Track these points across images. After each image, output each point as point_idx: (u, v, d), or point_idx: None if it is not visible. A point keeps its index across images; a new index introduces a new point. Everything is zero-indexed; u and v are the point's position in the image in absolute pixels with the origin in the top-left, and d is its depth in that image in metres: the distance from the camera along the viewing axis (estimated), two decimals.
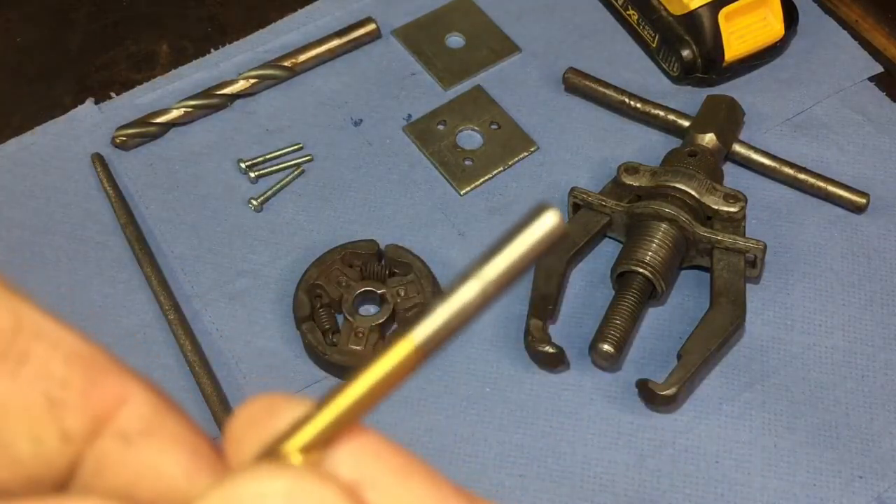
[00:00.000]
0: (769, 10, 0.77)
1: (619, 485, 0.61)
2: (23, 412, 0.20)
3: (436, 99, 0.78)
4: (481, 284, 0.20)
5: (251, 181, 0.74)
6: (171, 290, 0.68)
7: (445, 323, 0.20)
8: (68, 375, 0.20)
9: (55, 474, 0.20)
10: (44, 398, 0.20)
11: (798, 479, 0.61)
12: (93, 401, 0.20)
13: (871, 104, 0.78)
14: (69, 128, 0.76)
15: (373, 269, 0.68)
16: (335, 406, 0.20)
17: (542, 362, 0.65)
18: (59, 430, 0.20)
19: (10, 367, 0.20)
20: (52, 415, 0.20)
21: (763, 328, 0.67)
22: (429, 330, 0.20)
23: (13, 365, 0.20)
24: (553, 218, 0.20)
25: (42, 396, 0.20)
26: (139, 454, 0.21)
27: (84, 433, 0.20)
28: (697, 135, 0.72)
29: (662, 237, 0.66)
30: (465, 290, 0.20)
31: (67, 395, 0.20)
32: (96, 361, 0.21)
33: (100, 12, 0.85)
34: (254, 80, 0.77)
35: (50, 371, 0.20)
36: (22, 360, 0.20)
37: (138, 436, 0.21)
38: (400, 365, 0.20)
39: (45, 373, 0.20)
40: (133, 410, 0.21)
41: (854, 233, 0.71)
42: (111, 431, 0.21)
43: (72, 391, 0.20)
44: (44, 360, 0.20)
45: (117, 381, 0.21)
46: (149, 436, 0.21)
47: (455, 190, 0.73)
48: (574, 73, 0.77)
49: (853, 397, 0.64)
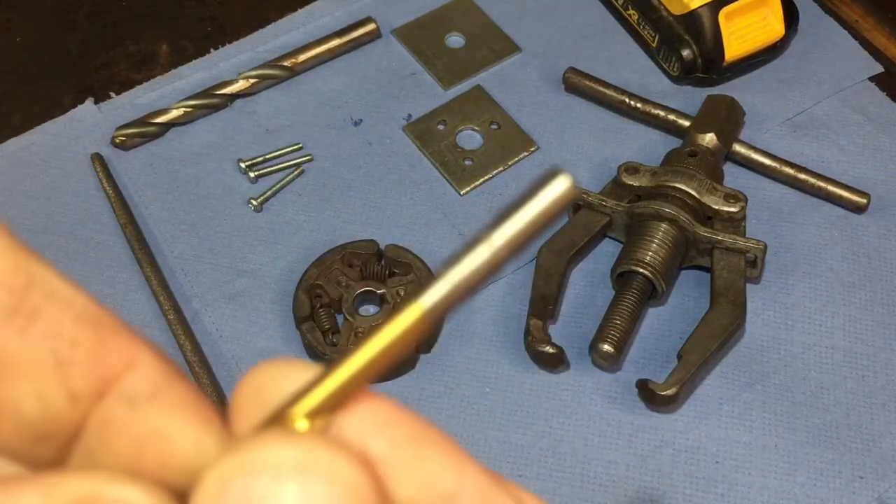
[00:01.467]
0: (769, 10, 0.77)
1: (619, 485, 0.61)
2: (30, 369, 0.20)
3: (436, 99, 0.78)
4: (491, 249, 0.20)
5: (251, 181, 0.74)
6: (171, 290, 0.68)
7: (454, 288, 0.20)
8: (78, 335, 0.20)
9: (61, 433, 0.20)
10: (52, 357, 0.20)
11: (798, 479, 0.61)
12: (101, 362, 0.20)
13: (871, 104, 0.78)
14: (69, 128, 0.76)
15: (373, 269, 0.68)
16: (343, 371, 0.20)
17: (542, 362, 0.65)
18: (65, 389, 0.20)
19: (20, 324, 0.20)
20: (59, 374, 0.20)
21: (763, 328, 0.67)
22: (438, 295, 0.20)
23: (23, 322, 0.20)
24: (565, 182, 0.19)
25: (50, 355, 0.20)
26: (145, 418, 0.20)
27: (91, 394, 0.20)
28: (698, 135, 0.72)
29: (662, 237, 0.65)
30: (475, 254, 0.20)
31: (76, 355, 0.20)
32: (106, 324, 0.21)
33: (100, 12, 0.85)
34: (254, 79, 0.77)
35: (60, 330, 0.20)
36: (32, 317, 0.20)
37: (145, 399, 0.20)
38: (408, 329, 0.20)
39: (55, 331, 0.20)
40: (140, 374, 0.21)
41: (854, 233, 0.71)
42: (118, 394, 0.20)
43: (80, 351, 0.20)
44: (54, 318, 0.20)
45: (126, 344, 0.21)
46: (155, 400, 0.21)
47: (455, 190, 0.73)
48: (574, 73, 0.77)
49: (854, 397, 0.64)
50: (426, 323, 0.20)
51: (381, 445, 0.21)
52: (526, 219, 0.20)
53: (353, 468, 0.19)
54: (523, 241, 0.20)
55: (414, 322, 0.20)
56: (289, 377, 0.21)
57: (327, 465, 0.18)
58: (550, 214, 0.20)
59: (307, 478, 0.18)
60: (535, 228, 0.20)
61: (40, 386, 0.20)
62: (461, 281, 0.20)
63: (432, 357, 0.66)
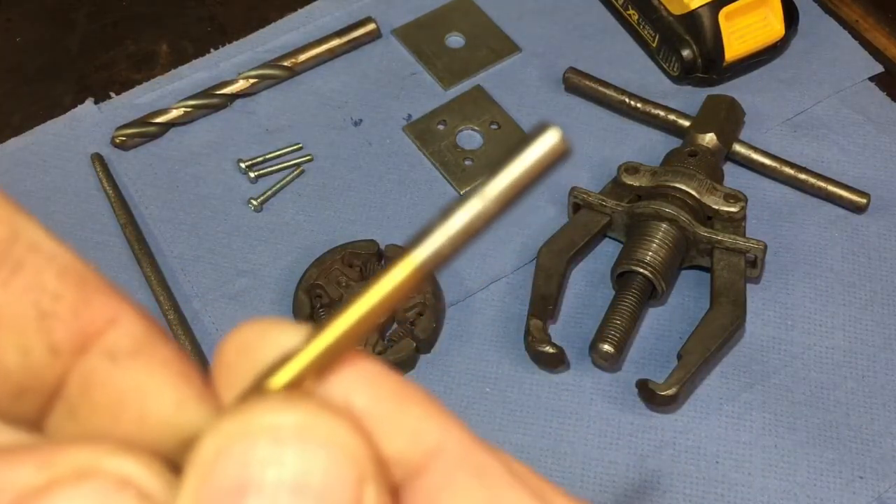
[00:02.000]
0: (769, 10, 0.77)
1: (619, 485, 0.61)
2: (12, 321, 0.20)
3: (436, 99, 0.78)
4: (483, 202, 0.20)
5: (251, 181, 0.74)
6: (171, 290, 0.68)
7: (446, 242, 0.20)
8: (61, 289, 0.20)
9: (42, 386, 0.20)
10: (34, 309, 0.20)
11: (798, 479, 0.61)
12: (83, 317, 0.20)
13: (871, 104, 0.78)
14: (69, 128, 0.76)
15: (373, 269, 0.68)
16: (333, 330, 0.20)
17: (542, 362, 0.65)
18: (47, 342, 0.20)
19: (3, 276, 0.20)
20: (41, 326, 0.20)
21: (763, 328, 0.67)
22: (430, 249, 0.20)
23: (6, 274, 0.20)
24: (554, 136, 0.19)
25: (33, 307, 0.20)
26: (126, 374, 0.20)
27: (72, 348, 0.20)
28: (698, 135, 0.72)
29: (663, 237, 0.65)
30: (467, 207, 0.20)
31: (58, 309, 0.20)
32: (90, 280, 0.21)
33: (100, 12, 0.85)
34: (254, 79, 0.77)
35: (42, 283, 0.20)
36: (15, 269, 0.20)
37: (126, 356, 0.20)
38: (400, 285, 0.20)
39: (38, 284, 0.20)
40: (123, 331, 0.21)
41: (854, 233, 0.71)
42: (100, 349, 0.20)
43: (63, 305, 0.20)
44: (37, 271, 0.20)
45: (109, 300, 0.21)
46: (137, 357, 0.21)
47: (455, 190, 0.73)
48: (574, 73, 0.77)
49: (854, 397, 0.64)
50: (418, 277, 0.20)
51: (365, 401, 0.20)
52: (517, 172, 0.20)
53: (351, 435, 0.19)
54: (514, 194, 0.20)
55: (406, 276, 0.20)
56: (276, 336, 0.21)
57: (326, 431, 0.18)
58: (541, 168, 0.20)
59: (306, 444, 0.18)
60: (526, 181, 0.20)
61: (22, 338, 0.20)
62: (453, 234, 0.20)
63: (432, 357, 0.66)
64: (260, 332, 0.21)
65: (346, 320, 0.20)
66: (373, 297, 0.20)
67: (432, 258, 0.20)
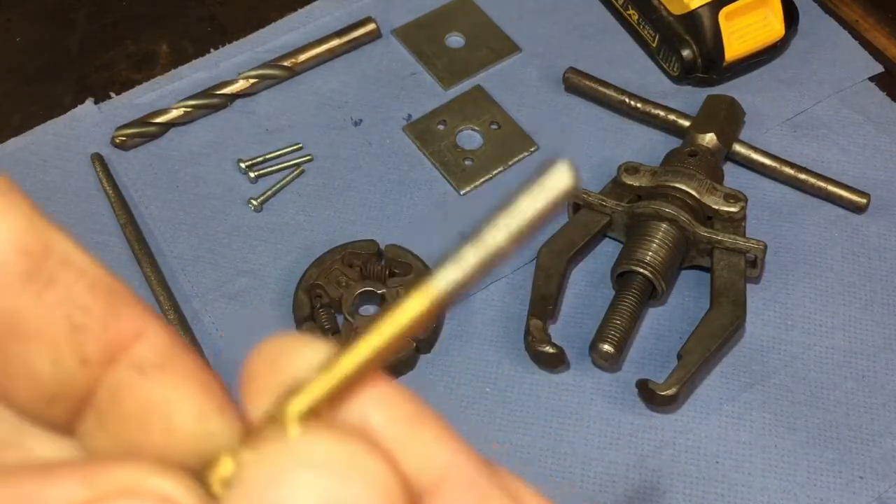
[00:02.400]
0: (769, 10, 0.77)
1: (619, 485, 0.61)
2: (45, 333, 0.20)
3: (436, 99, 0.78)
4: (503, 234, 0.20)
5: (251, 181, 0.74)
6: (171, 290, 0.68)
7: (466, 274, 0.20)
8: (91, 303, 0.21)
9: (72, 396, 0.21)
10: (66, 322, 0.21)
11: (798, 479, 0.61)
12: (112, 329, 0.21)
13: (871, 104, 0.78)
14: (69, 128, 0.76)
15: (373, 269, 0.68)
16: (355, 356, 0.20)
17: (542, 362, 0.65)
18: (78, 353, 0.21)
19: (37, 289, 0.20)
20: (72, 338, 0.21)
21: (763, 328, 0.67)
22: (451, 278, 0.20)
23: (40, 287, 0.20)
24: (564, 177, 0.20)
25: (64, 320, 0.21)
26: (152, 386, 0.21)
27: (102, 359, 0.21)
28: (698, 135, 0.72)
29: (663, 237, 0.65)
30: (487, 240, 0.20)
31: (89, 321, 0.21)
32: (119, 294, 0.21)
33: (100, 12, 0.85)
34: (254, 79, 0.77)
35: (74, 297, 0.21)
36: (48, 283, 0.20)
37: (153, 368, 0.21)
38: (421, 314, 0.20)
39: (70, 298, 0.21)
40: (149, 344, 0.21)
41: (854, 233, 0.71)
42: (128, 361, 0.21)
43: (93, 318, 0.21)
44: (69, 285, 0.21)
45: (136, 314, 0.22)
46: (163, 370, 0.21)
47: (455, 190, 0.73)
48: (574, 73, 0.77)
49: (854, 397, 0.64)
50: (439, 307, 0.20)
51: (380, 421, 0.21)
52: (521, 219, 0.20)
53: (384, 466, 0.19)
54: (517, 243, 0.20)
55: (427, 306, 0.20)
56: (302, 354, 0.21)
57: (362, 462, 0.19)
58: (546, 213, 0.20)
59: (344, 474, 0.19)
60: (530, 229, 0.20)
61: (54, 349, 0.20)
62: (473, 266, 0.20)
63: (432, 357, 0.66)
64: (287, 349, 0.22)
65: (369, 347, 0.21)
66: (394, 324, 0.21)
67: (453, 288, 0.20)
